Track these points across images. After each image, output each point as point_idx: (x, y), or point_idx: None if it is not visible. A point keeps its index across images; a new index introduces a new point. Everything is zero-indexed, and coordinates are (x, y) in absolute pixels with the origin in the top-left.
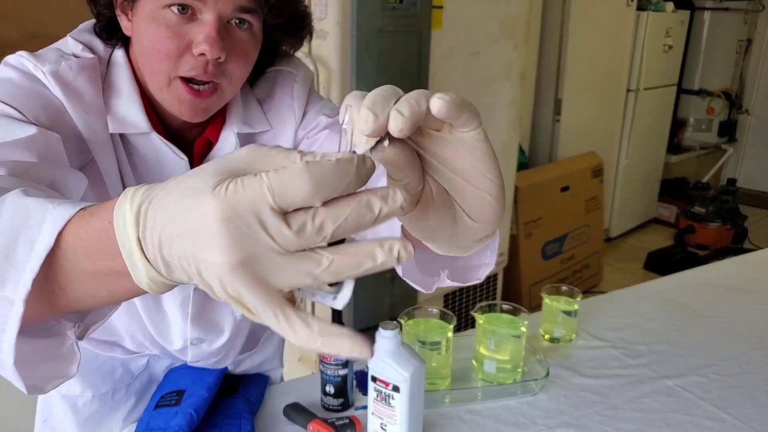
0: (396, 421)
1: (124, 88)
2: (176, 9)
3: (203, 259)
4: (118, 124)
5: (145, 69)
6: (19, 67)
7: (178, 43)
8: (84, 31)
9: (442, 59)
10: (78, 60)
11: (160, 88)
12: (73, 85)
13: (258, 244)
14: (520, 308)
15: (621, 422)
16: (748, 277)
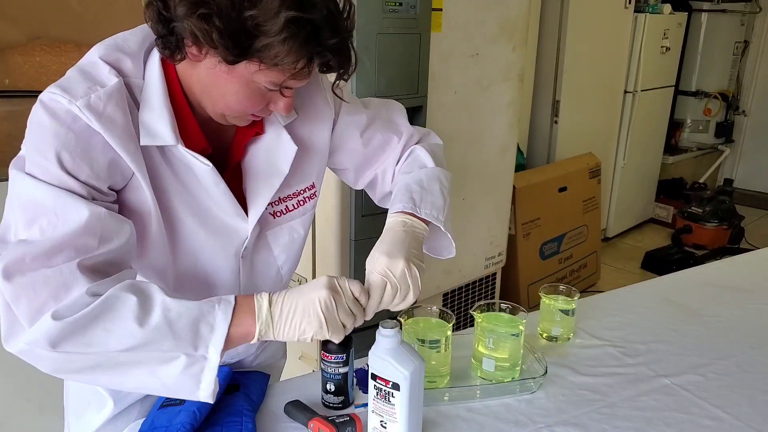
0: (396, 418)
1: (156, 105)
2: (273, 87)
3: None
4: (149, 138)
5: (208, 102)
6: (55, 107)
7: (258, 105)
8: (113, 48)
9: (441, 61)
10: (104, 90)
11: (221, 116)
12: (105, 114)
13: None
14: (518, 307)
15: (619, 420)
16: (746, 276)
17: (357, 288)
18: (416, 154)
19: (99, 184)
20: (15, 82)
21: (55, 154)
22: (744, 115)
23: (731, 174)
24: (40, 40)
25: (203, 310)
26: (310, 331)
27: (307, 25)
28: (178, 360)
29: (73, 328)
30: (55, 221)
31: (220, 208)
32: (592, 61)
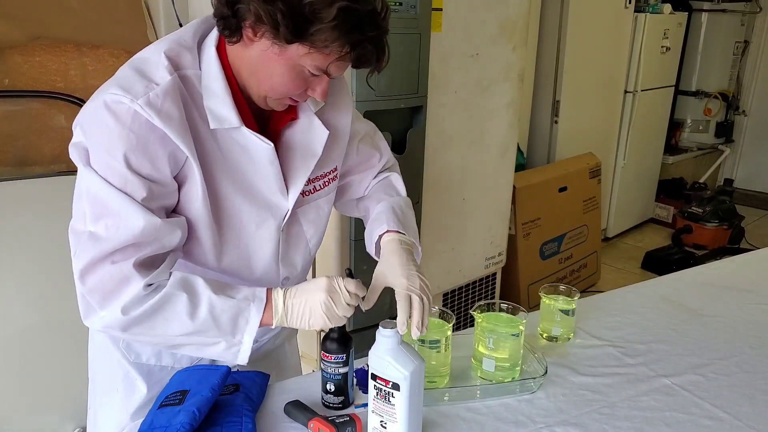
0: (396, 418)
1: (218, 90)
2: (316, 71)
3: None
4: (216, 122)
5: (254, 83)
6: (117, 109)
7: (300, 88)
8: (175, 43)
9: (441, 61)
10: (161, 87)
11: (263, 97)
12: (164, 110)
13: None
14: (518, 307)
15: (619, 420)
16: (746, 276)
17: (352, 286)
18: (392, 181)
19: (159, 176)
20: (15, 82)
21: (122, 155)
22: (744, 115)
23: (731, 174)
24: (40, 40)
25: (241, 307)
26: (316, 326)
27: (354, 15)
28: (220, 344)
29: (138, 320)
30: (118, 223)
31: (266, 185)
32: (592, 61)
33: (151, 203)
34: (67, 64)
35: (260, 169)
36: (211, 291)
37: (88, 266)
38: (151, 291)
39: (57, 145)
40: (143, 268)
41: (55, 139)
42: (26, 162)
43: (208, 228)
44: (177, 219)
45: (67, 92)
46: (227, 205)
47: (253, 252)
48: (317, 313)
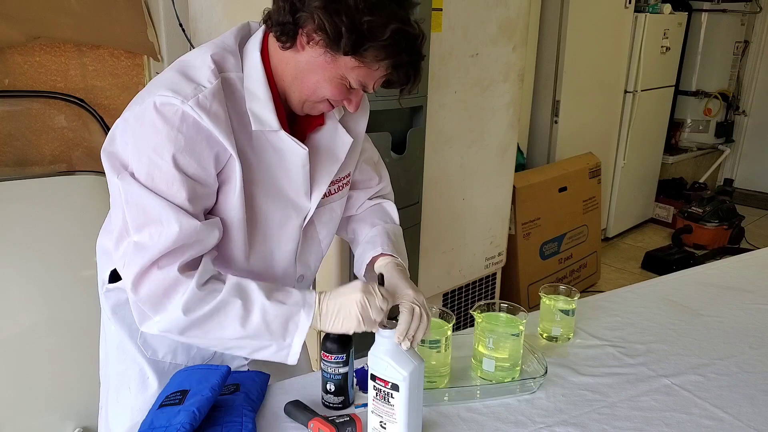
0: (395, 419)
1: (261, 94)
2: (357, 85)
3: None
4: (258, 124)
5: (296, 87)
6: (165, 111)
7: (339, 97)
8: (220, 47)
9: (441, 61)
10: (209, 90)
11: (302, 101)
12: (212, 111)
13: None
14: (518, 307)
15: (619, 421)
16: (746, 276)
17: (385, 290)
18: (387, 208)
19: (204, 176)
20: (15, 81)
21: (170, 155)
22: (744, 115)
23: (731, 174)
24: (39, 40)
25: (292, 312)
26: (350, 327)
27: (405, 38)
28: (271, 347)
29: (196, 323)
30: (160, 230)
31: (294, 187)
32: (592, 61)
33: (194, 203)
34: (67, 64)
35: (291, 171)
36: (264, 296)
37: (138, 276)
38: (207, 294)
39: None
40: (188, 269)
41: (55, 139)
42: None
43: (241, 228)
44: (214, 220)
45: (67, 92)
46: (255, 205)
47: (276, 251)
48: (353, 313)
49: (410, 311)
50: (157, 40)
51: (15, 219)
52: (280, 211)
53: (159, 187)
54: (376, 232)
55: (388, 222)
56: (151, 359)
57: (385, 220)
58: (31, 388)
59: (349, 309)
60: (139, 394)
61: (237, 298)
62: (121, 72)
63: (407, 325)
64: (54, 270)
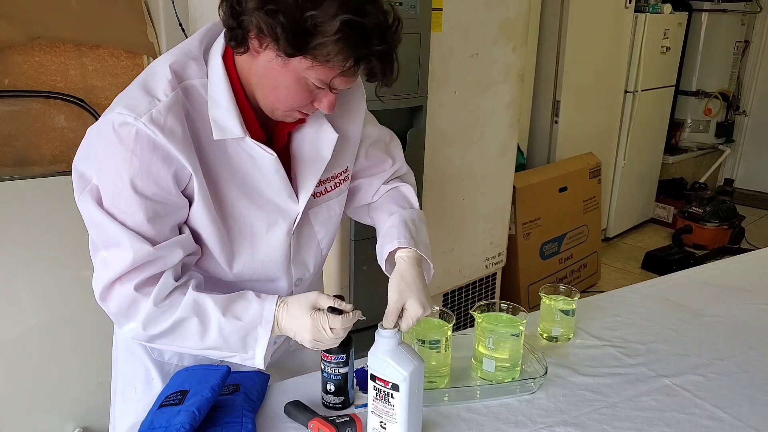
0: (395, 419)
1: (223, 101)
2: (321, 84)
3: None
4: (220, 132)
5: (261, 95)
6: (121, 132)
7: (305, 101)
8: (180, 54)
9: (441, 61)
10: (163, 104)
11: (271, 110)
12: (167, 126)
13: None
14: (518, 307)
15: (619, 421)
16: (746, 276)
17: (338, 323)
18: (404, 192)
19: (165, 195)
20: (15, 82)
21: (128, 178)
22: (744, 115)
23: (731, 174)
24: (39, 40)
25: (248, 329)
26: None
27: (359, 29)
28: (235, 357)
29: (158, 337)
30: (117, 252)
31: (275, 191)
32: (593, 61)
33: (155, 223)
34: (67, 64)
35: (267, 176)
36: (220, 313)
37: (103, 290)
38: (165, 311)
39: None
40: (146, 286)
41: (55, 139)
42: (26, 162)
43: (217, 238)
44: (177, 238)
45: (67, 92)
46: (236, 212)
47: (265, 256)
48: (306, 340)
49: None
50: (157, 40)
51: (15, 219)
52: (264, 217)
53: (120, 206)
54: (392, 222)
55: (406, 207)
56: (156, 360)
57: (403, 205)
58: (31, 388)
59: (302, 336)
60: (143, 394)
61: (193, 316)
62: (121, 72)
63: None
64: (54, 270)
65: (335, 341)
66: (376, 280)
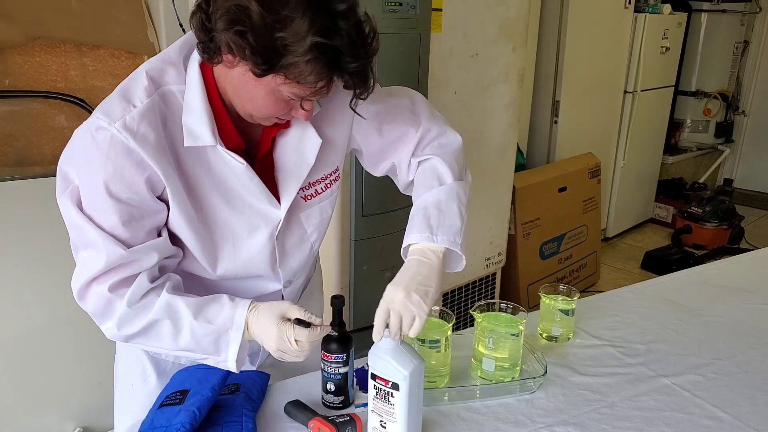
0: (395, 418)
1: (197, 108)
2: (295, 98)
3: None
4: (191, 139)
5: (238, 103)
6: (97, 137)
7: (282, 110)
8: (159, 61)
9: (441, 61)
10: (137, 110)
11: (249, 116)
12: (139, 133)
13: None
14: (518, 307)
15: (619, 420)
16: (746, 276)
17: (303, 336)
18: (434, 166)
19: (139, 199)
20: (15, 82)
21: (102, 182)
22: (744, 115)
23: (731, 174)
24: (40, 40)
25: (219, 333)
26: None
27: (329, 50)
28: (209, 359)
29: (134, 337)
30: (96, 255)
31: (255, 197)
32: (592, 62)
33: (129, 226)
34: (67, 64)
35: (245, 183)
36: (192, 317)
37: (81, 289)
38: (139, 312)
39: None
40: (120, 287)
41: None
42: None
43: (197, 242)
44: (153, 242)
45: (67, 92)
46: (217, 216)
47: (248, 260)
48: (272, 349)
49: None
50: (158, 40)
51: (15, 219)
52: (245, 221)
53: (96, 208)
54: (414, 212)
55: (435, 185)
56: (153, 357)
57: (431, 183)
58: (31, 388)
59: (268, 344)
60: (140, 390)
61: (166, 318)
62: (121, 72)
63: (381, 327)
64: (54, 270)
65: (300, 354)
66: (376, 280)
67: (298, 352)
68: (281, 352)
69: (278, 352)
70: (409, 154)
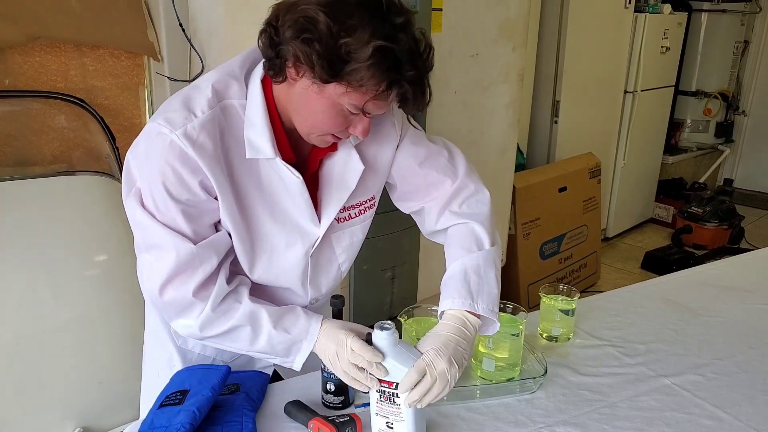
0: (402, 417)
1: (258, 123)
2: (354, 110)
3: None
4: (253, 151)
5: (298, 120)
6: (156, 142)
7: (341, 127)
8: (224, 74)
9: (441, 61)
10: (198, 120)
11: (307, 134)
12: (198, 141)
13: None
14: (518, 307)
15: (619, 420)
16: (746, 276)
17: (357, 345)
18: (473, 230)
19: (196, 200)
20: (15, 82)
21: (161, 183)
22: (744, 115)
23: (731, 174)
24: (40, 41)
25: (294, 341)
26: (331, 369)
27: (390, 54)
28: (276, 359)
29: (212, 338)
30: (161, 254)
31: (299, 212)
32: (592, 61)
33: (193, 223)
34: (67, 64)
35: (293, 198)
36: (271, 325)
37: (156, 293)
38: (222, 316)
39: (57, 145)
40: (201, 291)
41: (55, 139)
42: (26, 162)
43: (238, 243)
44: (215, 236)
45: (67, 92)
46: (259, 226)
47: (282, 272)
48: (327, 360)
49: (419, 372)
50: (157, 40)
51: (15, 219)
52: (285, 235)
53: (159, 208)
54: (452, 272)
55: (474, 250)
56: (180, 347)
57: (470, 247)
58: (31, 388)
59: (327, 354)
60: (165, 379)
61: (248, 325)
62: (121, 72)
63: (410, 384)
64: (54, 271)
65: (352, 368)
66: (376, 280)
67: (349, 363)
68: (336, 359)
69: (334, 361)
70: (441, 204)
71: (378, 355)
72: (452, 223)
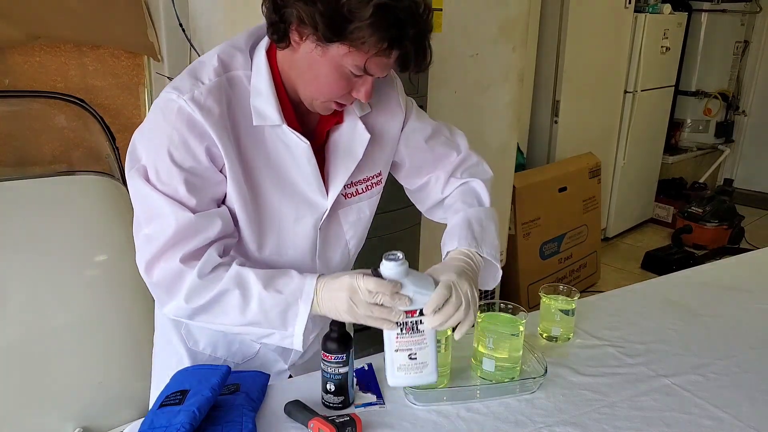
0: (426, 343)
1: (264, 90)
2: (357, 71)
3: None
4: (259, 118)
5: (301, 86)
6: (165, 106)
7: (344, 90)
8: (229, 46)
9: (441, 61)
10: (205, 86)
11: (310, 101)
12: (205, 106)
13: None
14: (518, 307)
15: (619, 420)
16: (746, 276)
17: (372, 284)
18: (474, 188)
19: (201, 168)
20: (15, 82)
21: (166, 150)
22: (744, 115)
23: (731, 174)
24: (40, 40)
25: (289, 302)
26: (349, 320)
27: (391, 13)
28: (274, 335)
29: (200, 311)
30: (161, 223)
31: (306, 183)
32: (592, 61)
33: (194, 194)
34: (68, 64)
35: (300, 166)
36: (261, 286)
37: (147, 266)
38: (209, 283)
39: (57, 145)
40: (191, 259)
41: (55, 139)
42: (26, 162)
43: (246, 221)
44: (214, 210)
45: (67, 92)
46: (266, 199)
47: (291, 246)
48: (342, 311)
49: (447, 288)
50: (157, 40)
51: (15, 219)
52: (293, 207)
53: (162, 177)
54: (456, 221)
55: (475, 204)
56: (191, 350)
57: (471, 202)
58: (31, 388)
59: (339, 307)
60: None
61: (235, 288)
62: (121, 72)
63: (437, 305)
64: (54, 271)
65: (371, 308)
66: None
67: (369, 305)
68: (350, 304)
69: (351, 309)
70: (447, 173)
71: (397, 286)
72: (456, 187)
